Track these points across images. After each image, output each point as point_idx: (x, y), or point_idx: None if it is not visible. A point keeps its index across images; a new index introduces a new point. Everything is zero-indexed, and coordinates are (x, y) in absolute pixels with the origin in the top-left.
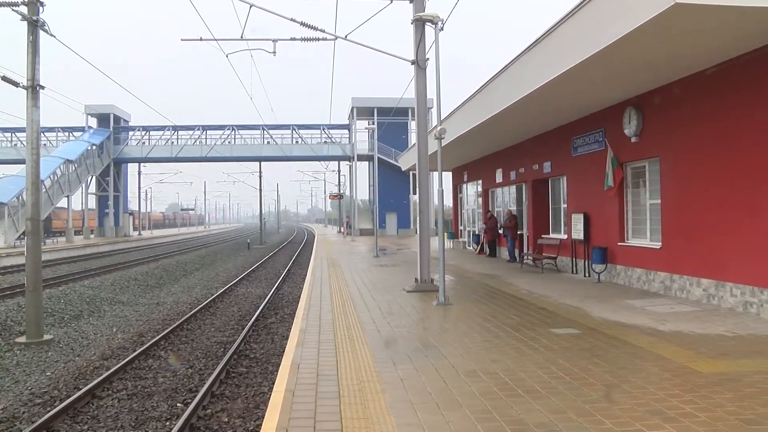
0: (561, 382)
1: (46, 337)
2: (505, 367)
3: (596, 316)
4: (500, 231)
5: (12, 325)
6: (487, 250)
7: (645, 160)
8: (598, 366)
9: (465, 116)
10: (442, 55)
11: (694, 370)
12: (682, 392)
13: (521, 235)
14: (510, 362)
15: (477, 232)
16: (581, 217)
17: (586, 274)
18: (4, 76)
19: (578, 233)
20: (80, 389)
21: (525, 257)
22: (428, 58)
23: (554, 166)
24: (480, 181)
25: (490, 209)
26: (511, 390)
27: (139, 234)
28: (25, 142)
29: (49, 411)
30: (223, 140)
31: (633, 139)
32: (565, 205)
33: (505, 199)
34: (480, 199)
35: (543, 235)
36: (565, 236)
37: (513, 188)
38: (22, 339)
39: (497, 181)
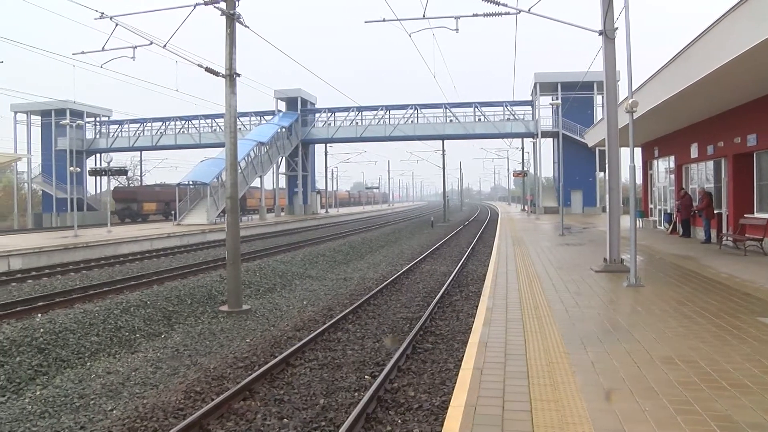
0: None
1: (245, 307)
2: (706, 355)
3: None
4: (694, 212)
5: (216, 295)
6: (680, 230)
7: None
8: None
9: (657, 88)
10: (632, 23)
11: None
12: None
13: (719, 215)
14: (711, 351)
15: (669, 211)
16: None
17: None
18: (207, 67)
19: None
20: (276, 357)
21: (724, 238)
22: (617, 28)
23: (761, 139)
24: (672, 157)
25: (683, 186)
26: (714, 382)
27: (326, 212)
28: (223, 127)
29: (250, 374)
30: (406, 119)
31: None
32: None
33: (701, 176)
34: (671, 176)
35: (746, 215)
36: None
37: (710, 164)
38: (225, 308)
39: (692, 157)
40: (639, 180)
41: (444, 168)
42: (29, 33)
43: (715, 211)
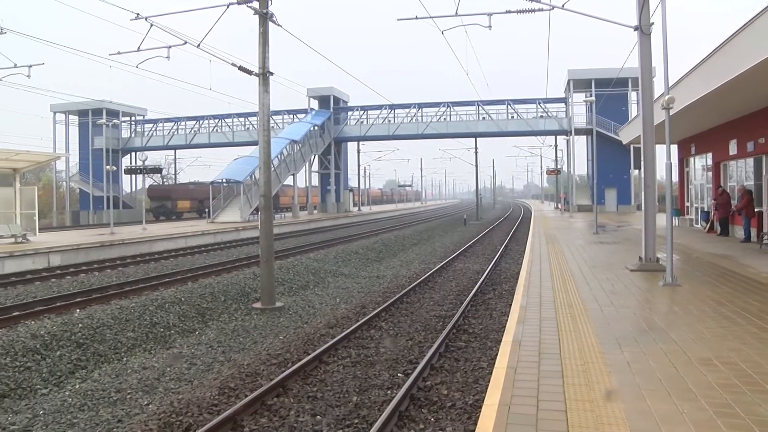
0: None
1: (278, 304)
2: (747, 357)
3: None
4: (734, 210)
5: (249, 292)
6: (718, 228)
7: None
8: None
9: (695, 83)
10: (668, 18)
11: None
12: None
13: (759, 213)
14: (752, 353)
15: (706, 209)
16: None
17: None
18: (240, 66)
19: None
20: (309, 354)
21: (765, 237)
22: (653, 23)
23: None
24: (710, 154)
25: (721, 184)
26: (756, 384)
27: (359, 210)
28: (255, 125)
29: (283, 371)
30: (438, 117)
31: None
32: None
33: (740, 173)
34: (709, 174)
35: None
36: None
37: (750, 161)
38: (258, 305)
39: (731, 154)
40: (675, 178)
41: (477, 166)
42: (66, 35)
43: (756, 210)
